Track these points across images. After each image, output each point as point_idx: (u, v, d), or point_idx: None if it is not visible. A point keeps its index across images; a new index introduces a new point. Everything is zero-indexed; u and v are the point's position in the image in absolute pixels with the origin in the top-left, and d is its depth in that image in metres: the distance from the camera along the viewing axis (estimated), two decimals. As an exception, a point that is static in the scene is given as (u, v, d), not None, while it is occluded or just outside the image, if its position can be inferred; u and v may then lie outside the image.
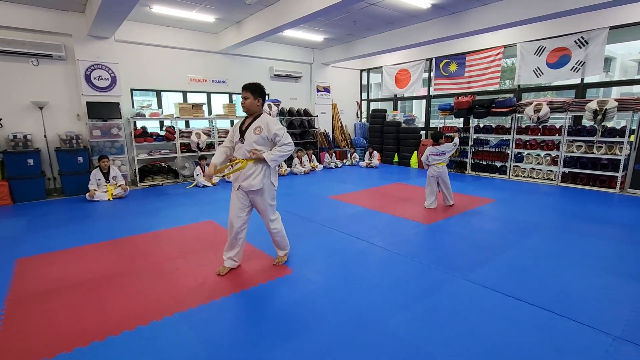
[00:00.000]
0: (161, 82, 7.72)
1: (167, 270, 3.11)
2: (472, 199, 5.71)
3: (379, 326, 2.26)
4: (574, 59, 6.82)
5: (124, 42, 7.00)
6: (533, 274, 3.01)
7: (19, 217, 4.95)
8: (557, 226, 4.33)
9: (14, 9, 5.76)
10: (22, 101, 6.12)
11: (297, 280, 2.93)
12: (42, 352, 2.02)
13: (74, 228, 4.40)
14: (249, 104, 2.87)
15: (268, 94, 9.47)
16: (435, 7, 6.45)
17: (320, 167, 9.13)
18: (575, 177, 6.78)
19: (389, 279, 2.95)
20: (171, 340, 2.12)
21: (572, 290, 2.73)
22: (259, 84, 2.90)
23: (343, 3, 5.10)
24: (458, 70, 8.78)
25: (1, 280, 2.97)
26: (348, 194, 6.22)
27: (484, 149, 8.04)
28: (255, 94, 2.87)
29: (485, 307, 2.49)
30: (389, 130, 10.02)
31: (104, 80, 6.66)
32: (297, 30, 7.87)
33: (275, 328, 2.25)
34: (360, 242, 3.80)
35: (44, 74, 6.31)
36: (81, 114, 6.62)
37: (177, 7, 6.22)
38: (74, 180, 6.19)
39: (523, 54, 7.51)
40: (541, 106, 6.78)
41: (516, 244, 3.72)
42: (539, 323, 2.29)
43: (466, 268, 3.12)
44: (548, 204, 5.50)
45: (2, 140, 5.91)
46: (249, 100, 2.86)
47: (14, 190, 5.73)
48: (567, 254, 3.45)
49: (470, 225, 4.42)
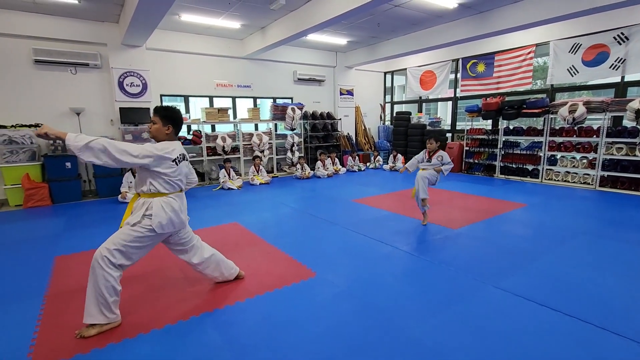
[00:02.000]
0: (189, 88, 7.97)
1: (193, 271, 3.17)
2: (501, 204, 5.49)
3: (405, 333, 2.20)
4: (612, 56, 6.45)
5: (154, 49, 7.29)
6: (569, 282, 2.84)
7: (57, 217, 5.23)
8: (595, 232, 4.08)
9: (55, 22, 6.15)
10: (61, 108, 6.50)
11: (321, 283, 2.91)
12: (78, 348, 2.11)
13: (107, 228, 4.59)
14: (156, 130, 2.42)
15: (275, 98, 9.57)
16: (462, 6, 6.30)
17: (343, 170, 9.09)
18: (615, 181, 6.38)
19: (415, 285, 2.87)
20: (198, 340, 2.16)
21: (613, 301, 2.55)
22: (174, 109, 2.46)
23: (367, 5, 5.06)
24: (486, 71, 8.52)
25: (42, 277, 3.14)
26: (372, 197, 6.15)
27: (514, 151, 7.74)
28: (166, 121, 2.42)
29: (518, 316, 2.37)
30: (413, 133, 9.85)
31: (136, 86, 6.96)
32: (320, 34, 7.91)
33: (298, 331, 2.24)
34: (385, 247, 3.73)
35: (81, 81, 6.67)
36: (114, 119, 6.94)
37: (205, 14, 6.41)
38: (107, 183, 6.49)
39: (556, 52, 7.18)
40: (577, 106, 6.44)
41: (550, 250, 3.54)
42: (577, 335, 2.15)
43: (496, 275, 2.99)
44: (585, 209, 5.20)
45: (44, 145, 6.29)
46: (157, 126, 2.41)
47: (53, 191, 6.07)
48: (607, 262, 3.24)
49: (500, 230, 4.25)
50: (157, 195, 2.37)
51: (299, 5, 6.12)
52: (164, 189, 2.38)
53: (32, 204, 5.85)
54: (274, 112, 8.68)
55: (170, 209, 2.38)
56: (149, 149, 2.26)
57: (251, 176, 7.72)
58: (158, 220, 2.31)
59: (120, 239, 2.25)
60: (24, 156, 5.96)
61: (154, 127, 2.43)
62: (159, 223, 2.31)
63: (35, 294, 2.82)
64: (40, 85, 6.30)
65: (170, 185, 2.40)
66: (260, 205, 5.78)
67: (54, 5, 5.69)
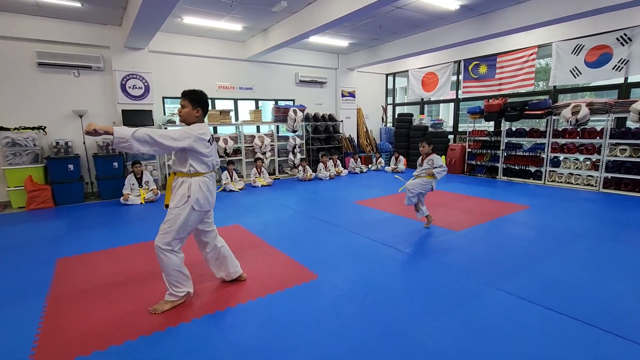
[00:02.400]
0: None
1: (195, 273, 3.16)
2: (504, 206, 5.46)
3: (407, 336, 2.18)
4: (615, 57, 6.42)
5: (156, 52, 7.31)
6: (574, 285, 2.82)
7: (60, 219, 5.23)
8: (600, 234, 4.05)
9: (58, 25, 6.19)
10: (64, 110, 6.53)
11: (323, 286, 2.89)
12: (79, 350, 2.10)
13: (109, 230, 4.60)
14: (186, 114, 2.53)
15: (276, 100, 9.59)
16: (464, 8, 6.29)
17: (345, 172, 9.08)
18: (619, 182, 6.34)
19: (417, 288, 2.85)
20: (199, 342, 2.15)
21: (618, 304, 2.52)
22: (201, 92, 2.56)
23: (369, 7, 5.07)
24: (488, 72, 8.50)
25: (44, 279, 3.13)
26: (374, 199, 6.13)
27: (517, 153, 7.70)
28: (195, 104, 2.53)
29: (522, 319, 2.35)
30: (415, 135, 9.83)
31: (138, 89, 6.98)
32: (322, 36, 7.92)
33: (300, 334, 2.22)
34: (387, 249, 3.71)
35: (84, 84, 6.70)
36: (117, 122, 6.96)
37: (207, 17, 6.43)
38: (109, 185, 6.50)
39: (559, 54, 7.16)
40: (580, 108, 6.41)
41: (554, 252, 3.51)
42: (582, 339, 2.13)
43: (500, 277, 2.97)
44: (589, 210, 5.16)
45: (46, 147, 6.32)
46: (187, 110, 2.52)
47: (55, 193, 6.08)
48: (611, 264, 3.21)
49: (503, 232, 4.22)
50: (195, 175, 2.50)
51: (300, 8, 6.13)
52: (201, 168, 2.51)
53: (34, 206, 5.87)
54: (276, 114, 8.69)
55: (207, 188, 2.54)
56: (187, 131, 2.40)
57: (253, 178, 7.72)
58: (196, 197, 2.47)
59: (168, 228, 2.45)
60: (27, 158, 5.98)
61: (183, 111, 2.52)
62: (197, 200, 2.47)
63: (37, 296, 2.81)
64: (44, 87, 6.34)
65: (206, 165, 2.54)
66: (262, 207, 5.78)
67: (57, 9, 5.72)
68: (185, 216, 2.45)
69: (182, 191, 2.46)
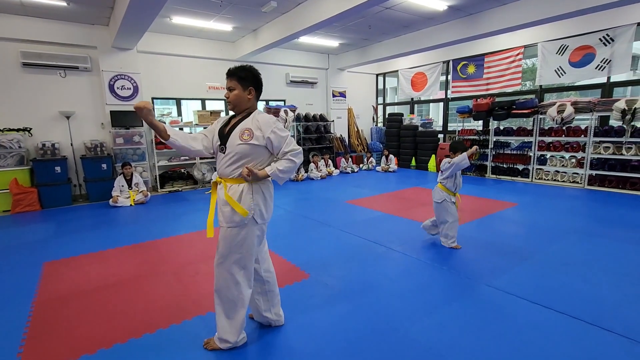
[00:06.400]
0: (181, 91, 7.92)
1: (187, 275, 3.15)
2: (493, 203, 5.55)
3: (399, 333, 2.20)
4: (598, 57, 6.58)
5: (145, 52, 7.23)
6: (561, 280, 2.88)
7: (47, 222, 5.14)
8: (585, 231, 4.14)
9: (44, 24, 6.07)
10: (50, 111, 6.40)
11: (315, 285, 2.90)
12: (67, 354, 2.07)
13: (98, 233, 4.53)
14: (235, 98, 2.00)
15: (267, 100, 9.58)
16: (452, 8, 6.37)
17: (336, 172, 9.11)
18: (603, 179, 6.49)
19: (408, 285, 2.88)
20: (190, 344, 2.13)
21: (604, 298, 2.59)
22: (251, 67, 2.02)
23: (358, 8, 5.10)
24: (476, 72, 8.62)
25: (29, 283, 3.07)
26: (365, 198, 6.16)
27: (505, 151, 7.83)
28: (245, 83, 1.99)
29: (511, 314, 2.39)
30: (406, 134, 9.92)
31: (127, 89, 6.89)
32: (312, 37, 7.93)
33: (292, 334, 2.23)
34: (379, 247, 3.74)
35: (71, 85, 6.58)
36: (105, 123, 6.86)
37: (196, 17, 6.38)
38: (98, 187, 6.40)
39: (544, 54, 7.30)
40: (565, 107, 6.55)
41: (542, 249, 3.58)
42: (569, 332, 2.18)
43: (489, 274, 3.02)
44: (575, 207, 5.28)
45: (32, 149, 6.19)
46: (236, 92, 1.99)
47: (42, 196, 5.96)
48: (597, 259, 3.29)
49: (492, 229, 4.29)
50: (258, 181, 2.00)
51: (290, 8, 6.13)
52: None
53: (20, 209, 5.74)
54: (267, 115, 8.65)
55: (270, 195, 2.08)
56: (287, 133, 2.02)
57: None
58: (259, 209, 2.00)
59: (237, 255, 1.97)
60: (12, 160, 5.85)
61: (233, 94, 1.98)
62: (260, 212, 2.00)
63: (23, 300, 2.76)
64: (29, 88, 6.20)
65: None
66: (253, 207, 5.74)
67: (42, 8, 5.61)
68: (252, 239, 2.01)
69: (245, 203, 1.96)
